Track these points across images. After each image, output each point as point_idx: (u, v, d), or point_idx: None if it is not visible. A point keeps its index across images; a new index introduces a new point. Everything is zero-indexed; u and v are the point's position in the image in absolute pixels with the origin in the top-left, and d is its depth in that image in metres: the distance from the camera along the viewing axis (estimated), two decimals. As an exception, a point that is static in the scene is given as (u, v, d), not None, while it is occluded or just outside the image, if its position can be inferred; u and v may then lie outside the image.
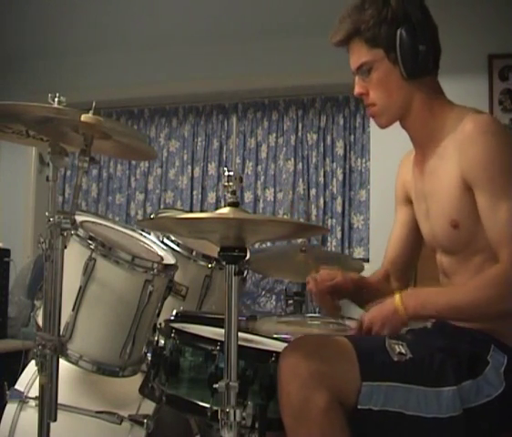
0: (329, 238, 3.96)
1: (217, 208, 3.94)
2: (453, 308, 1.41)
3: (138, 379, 1.80)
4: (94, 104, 1.47)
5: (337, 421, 1.32)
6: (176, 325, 1.59)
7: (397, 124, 1.62)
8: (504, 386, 1.37)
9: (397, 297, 1.43)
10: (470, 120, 1.44)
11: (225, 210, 1.33)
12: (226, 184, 1.35)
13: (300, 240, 2.69)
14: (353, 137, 4.01)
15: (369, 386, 1.33)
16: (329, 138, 4.04)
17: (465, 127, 1.43)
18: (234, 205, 1.33)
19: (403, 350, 1.39)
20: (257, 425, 1.36)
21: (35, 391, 1.94)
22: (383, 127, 1.59)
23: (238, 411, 1.29)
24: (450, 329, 1.50)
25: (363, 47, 1.51)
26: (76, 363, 1.80)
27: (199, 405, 1.43)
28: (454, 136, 1.46)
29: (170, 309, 1.87)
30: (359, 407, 1.33)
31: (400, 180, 1.75)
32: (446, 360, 1.38)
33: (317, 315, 3.04)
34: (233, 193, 1.34)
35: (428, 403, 1.34)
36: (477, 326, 1.45)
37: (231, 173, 1.35)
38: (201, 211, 4.15)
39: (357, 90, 1.56)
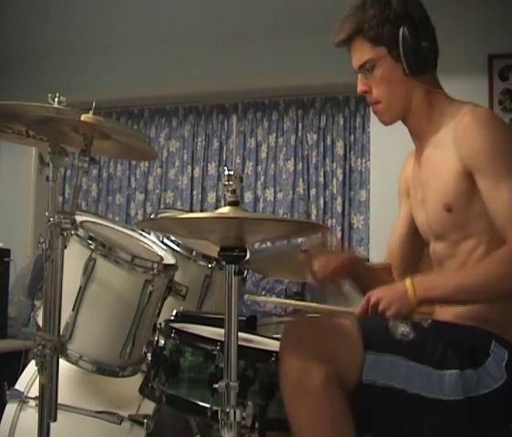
0: (329, 238, 3.95)
1: (217, 208, 3.93)
2: (462, 289, 1.40)
3: (138, 379, 1.80)
4: (94, 104, 1.47)
5: (336, 396, 1.33)
6: (176, 325, 1.59)
7: (397, 124, 1.63)
8: (505, 379, 1.37)
9: (408, 280, 1.43)
10: (468, 112, 1.47)
11: (225, 209, 1.33)
12: (226, 183, 1.35)
13: (300, 240, 2.69)
14: (353, 137, 4.01)
15: (373, 356, 1.35)
16: (329, 138, 4.04)
17: (464, 118, 1.46)
18: (234, 204, 1.33)
19: (406, 330, 1.40)
20: (257, 425, 1.36)
21: (35, 391, 1.94)
22: (386, 124, 1.61)
23: (238, 411, 1.29)
24: (449, 326, 1.50)
25: (365, 45, 1.53)
26: (76, 363, 1.80)
27: (199, 405, 1.43)
28: (451, 126, 1.49)
29: (170, 309, 1.87)
30: (364, 379, 1.34)
31: (403, 176, 1.77)
32: (449, 348, 1.39)
33: (317, 315, 3.03)
34: (233, 192, 1.34)
35: (431, 384, 1.35)
36: (477, 322, 1.45)
37: (231, 172, 1.35)
38: (201, 211, 4.15)
39: (360, 88, 1.58)
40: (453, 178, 1.46)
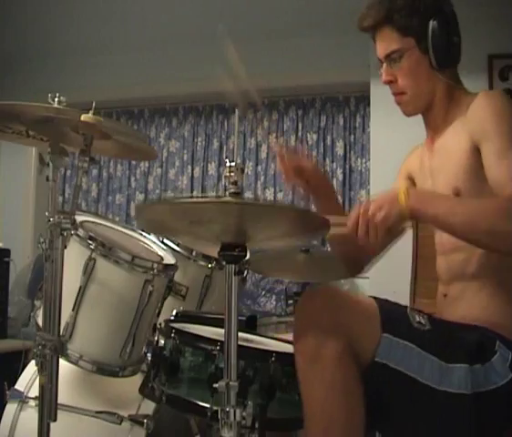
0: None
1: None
2: (454, 215, 1.38)
3: (138, 379, 1.80)
4: (94, 104, 1.47)
5: (350, 370, 1.32)
6: (176, 325, 1.59)
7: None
8: (510, 377, 1.37)
9: (403, 187, 1.42)
10: (481, 93, 1.49)
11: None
12: (227, 174, 1.32)
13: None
14: (353, 137, 4.01)
15: (388, 339, 1.35)
16: (329, 138, 4.04)
17: (476, 99, 1.47)
18: (236, 194, 1.31)
19: (422, 321, 1.41)
20: (257, 425, 1.36)
21: (35, 391, 1.94)
22: (409, 115, 1.61)
23: (238, 411, 1.28)
24: (455, 325, 1.50)
25: (394, 35, 1.52)
26: (76, 363, 1.80)
27: (199, 405, 1.43)
28: (466, 111, 1.49)
29: (170, 309, 1.87)
30: (376, 359, 1.34)
31: (406, 162, 1.77)
32: (458, 342, 1.39)
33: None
34: (235, 183, 1.32)
35: (442, 376, 1.35)
36: (482, 322, 1.45)
37: (233, 163, 1.33)
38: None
39: (385, 78, 1.57)
40: (464, 156, 1.46)
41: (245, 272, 2.36)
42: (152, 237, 2.11)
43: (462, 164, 1.47)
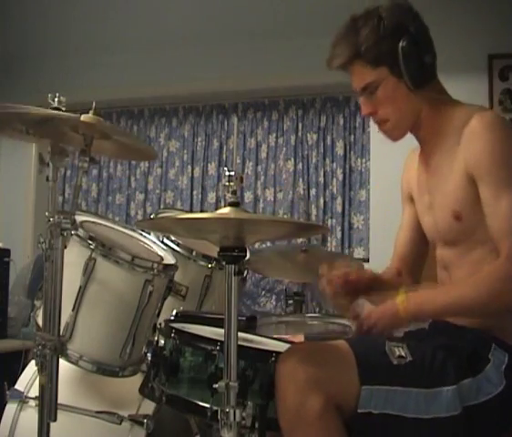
0: (329, 238, 3.96)
1: (217, 208, 3.94)
2: (453, 306, 1.41)
3: (138, 379, 1.80)
4: (94, 104, 1.47)
5: (333, 424, 1.32)
6: (176, 325, 1.59)
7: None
8: (504, 384, 1.37)
9: (399, 298, 1.44)
10: (476, 117, 1.44)
11: (225, 210, 1.33)
12: (227, 184, 1.34)
13: (300, 240, 2.69)
14: (353, 137, 4.01)
15: (368, 390, 1.34)
16: (329, 138, 4.04)
17: (471, 123, 1.44)
18: (235, 205, 1.33)
19: (403, 353, 1.39)
20: (257, 425, 1.36)
21: (35, 391, 1.94)
22: (396, 140, 1.59)
23: (238, 411, 1.29)
24: (450, 328, 1.50)
25: (365, 68, 1.50)
26: (76, 363, 1.80)
27: (199, 405, 1.43)
28: (460, 131, 1.46)
29: (170, 309, 1.87)
30: (359, 411, 1.33)
31: (405, 179, 1.75)
32: (447, 358, 1.38)
33: (317, 315, 3.04)
34: (234, 193, 1.33)
35: (428, 404, 1.34)
36: (478, 325, 1.45)
37: (232, 173, 1.34)
38: (201, 211, 4.15)
39: (365, 111, 1.55)
40: (461, 186, 1.45)
41: (245, 272, 2.37)
42: (152, 237, 2.11)
43: (460, 191, 1.45)
